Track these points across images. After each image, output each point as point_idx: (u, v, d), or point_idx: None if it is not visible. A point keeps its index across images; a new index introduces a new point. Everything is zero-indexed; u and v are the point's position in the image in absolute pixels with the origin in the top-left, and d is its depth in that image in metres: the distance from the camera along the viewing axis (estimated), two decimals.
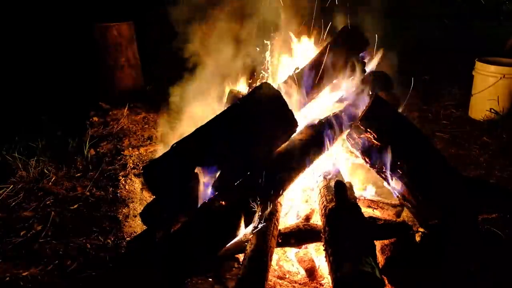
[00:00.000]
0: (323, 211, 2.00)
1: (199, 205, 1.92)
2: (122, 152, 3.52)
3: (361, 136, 2.24)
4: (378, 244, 2.05)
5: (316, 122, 2.36)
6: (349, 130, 2.34)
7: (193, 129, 2.04)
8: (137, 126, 4.18)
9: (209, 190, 1.92)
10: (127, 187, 2.98)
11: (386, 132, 2.19)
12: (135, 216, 2.66)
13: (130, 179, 3.08)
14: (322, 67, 2.58)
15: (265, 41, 3.11)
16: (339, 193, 1.96)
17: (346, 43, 2.63)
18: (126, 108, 4.40)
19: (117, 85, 5.09)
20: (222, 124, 2.02)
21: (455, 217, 1.99)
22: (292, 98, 2.44)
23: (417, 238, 2.05)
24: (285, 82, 2.57)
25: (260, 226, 1.92)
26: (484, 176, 3.18)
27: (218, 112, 2.12)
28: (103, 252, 2.28)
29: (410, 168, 2.13)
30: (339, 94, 2.69)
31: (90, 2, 5.62)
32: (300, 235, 2.10)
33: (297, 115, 2.18)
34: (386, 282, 1.88)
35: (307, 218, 2.37)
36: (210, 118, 2.07)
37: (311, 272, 2.14)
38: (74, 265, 2.16)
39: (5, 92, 4.52)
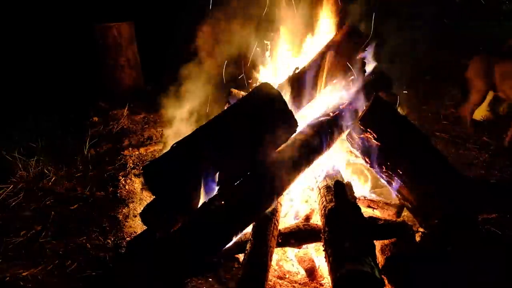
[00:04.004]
0: (323, 211, 2.00)
1: (199, 205, 1.92)
2: (122, 152, 3.52)
3: (361, 136, 2.24)
4: (378, 244, 2.05)
5: (316, 122, 2.36)
6: (349, 130, 2.34)
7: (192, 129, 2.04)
8: (137, 126, 4.18)
9: (209, 190, 1.92)
10: (127, 187, 2.98)
11: (386, 132, 2.20)
12: (135, 216, 2.66)
13: (130, 179, 3.08)
14: (322, 67, 2.58)
15: (265, 41, 3.11)
16: (339, 193, 1.96)
17: (346, 43, 2.63)
18: (126, 108, 4.40)
19: (117, 85, 5.09)
20: (222, 124, 2.02)
21: (455, 217, 1.99)
22: (292, 98, 2.44)
23: (417, 238, 2.05)
24: (285, 82, 2.57)
25: (260, 226, 1.92)
26: (484, 176, 3.18)
27: (218, 112, 2.12)
28: (103, 252, 2.28)
29: (410, 168, 2.13)
30: (339, 94, 2.68)
31: (91, 2, 5.62)
32: (300, 235, 2.10)
33: (297, 115, 2.18)
34: (386, 282, 1.88)
35: (307, 218, 2.37)
36: (210, 118, 2.08)
37: (311, 272, 2.14)
38: (74, 265, 2.16)
39: (6, 92, 4.52)
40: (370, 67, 2.80)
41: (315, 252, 2.26)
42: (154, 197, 1.98)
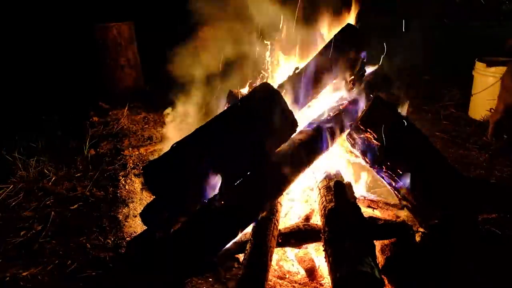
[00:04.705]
0: (322, 211, 2.00)
1: (199, 205, 1.92)
2: (122, 152, 3.52)
3: (361, 136, 2.24)
4: (378, 244, 2.05)
5: (316, 122, 2.36)
6: (349, 130, 2.34)
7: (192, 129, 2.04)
8: (137, 126, 4.18)
9: (209, 190, 1.92)
10: (127, 187, 2.98)
11: (386, 132, 2.19)
12: (135, 216, 2.66)
13: (130, 179, 3.08)
14: (322, 67, 2.58)
15: (265, 41, 3.11)
16: (339, 193, 1.96)
17: (346, 43, 2.63)
18: (126, 108, 4.40)
19: (117, 85, 5.09)
20: (222, 124, 2.02)
21: (455, 217, 1.99)
22: (292, 98, 2.44)
23: (417, 238, 2.05)
24: (285, 82, 2.57)
25: (260, 226, 1.92)
26: (484, 176, 3.18)
27: (218, 112, 2.12)
28: (103, 252, 2.28)
29: (410, 168, 2.13)
30: (339, 94, 2.68)
31: (91, 2, 5.62)
32: (300, 235, 2.10)
33: (297, 115, 2.18)
34: (386, 282, 1.88)
35: (307, 218, 2.37)
36: (210, 118, 2.07)
37: (311, 272, 2.14)
38: (74, 265, 2.16)
39: (6, 92, 4.53)
40: (371, 67, 2.80)
41: (315, 252, 2.26)
42: (154, 197, 1.98)
